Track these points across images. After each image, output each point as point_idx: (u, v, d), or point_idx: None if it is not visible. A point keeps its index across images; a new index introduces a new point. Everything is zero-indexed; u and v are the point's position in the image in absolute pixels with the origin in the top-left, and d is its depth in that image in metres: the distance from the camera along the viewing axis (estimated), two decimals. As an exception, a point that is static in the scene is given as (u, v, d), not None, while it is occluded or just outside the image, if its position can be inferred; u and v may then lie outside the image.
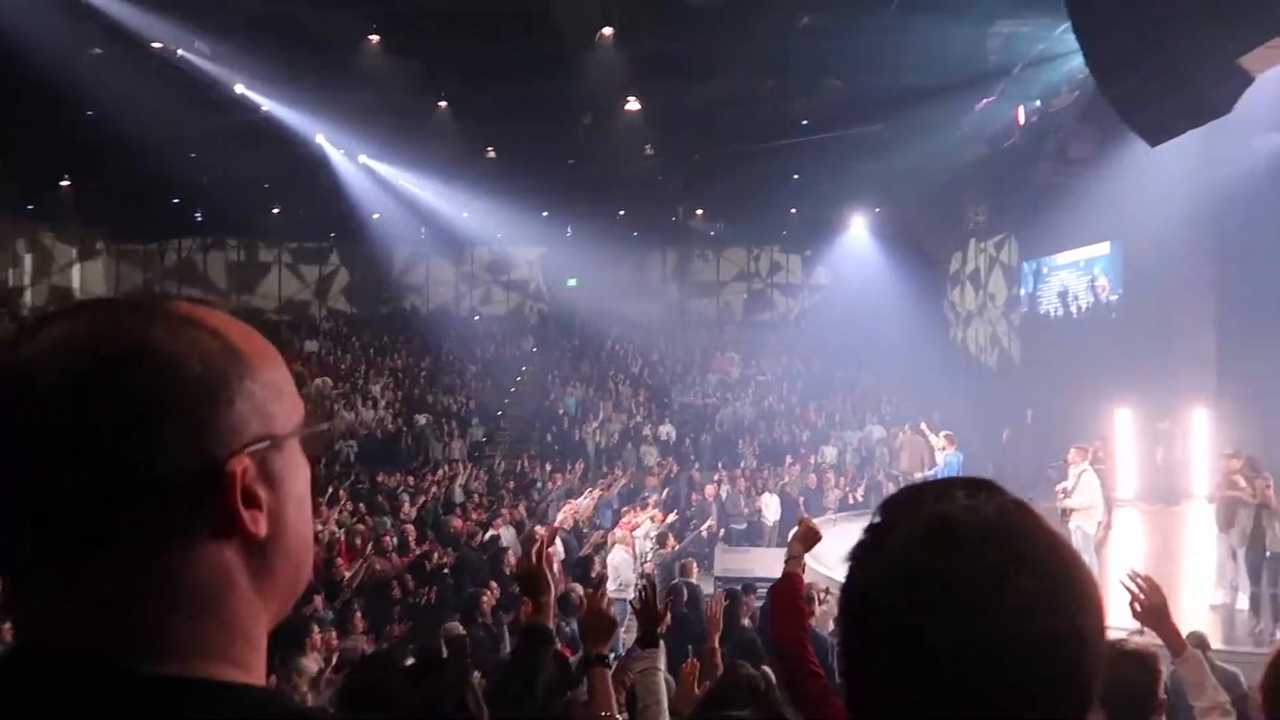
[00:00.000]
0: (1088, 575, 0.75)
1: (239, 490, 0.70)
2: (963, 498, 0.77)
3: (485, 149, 19.53)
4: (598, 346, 26.61)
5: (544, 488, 16.93)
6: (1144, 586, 2.57)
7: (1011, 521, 0.75)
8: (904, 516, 0.78)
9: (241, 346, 0.75)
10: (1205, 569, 10.90)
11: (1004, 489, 0.80)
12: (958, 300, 26.40)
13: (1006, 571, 0.71)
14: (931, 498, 0.78)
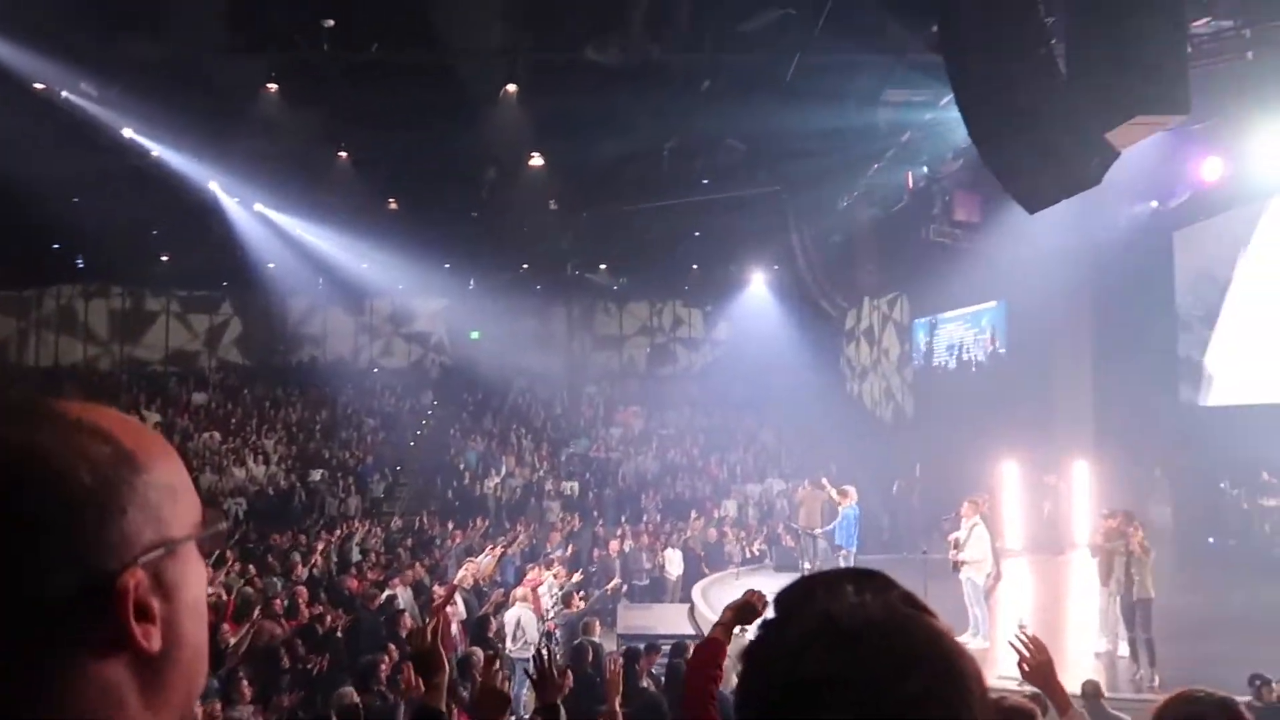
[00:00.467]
0: (971, 668, 0.77)
1: (130, 605, 0.66)
2: (851, 594, 0.78)
3: (387, 200, 19.32)
4: (500, 400, 26.35)
5: (444, 545, 16.55)
6: (1031, 646, 2.65)
7: (896, 619, 0.76)
8: (794, 615, 0.79)
9: (134, 449, 0.70)
10: (1089, 617, 11.33)
11: (893, 581, 0.82)
12: (853, 355, 27.19)
13: (891, 672, 0.73)
14: (822, 593, 0.79)
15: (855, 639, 0.74)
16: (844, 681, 0.72)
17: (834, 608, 0.77)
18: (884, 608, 0.77)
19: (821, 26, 11.48)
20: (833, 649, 0.74)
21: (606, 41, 12.26)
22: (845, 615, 0.76)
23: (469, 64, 13.05)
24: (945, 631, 0.78)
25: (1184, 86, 7.96)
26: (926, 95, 13.12)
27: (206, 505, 0.77)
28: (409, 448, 23.39)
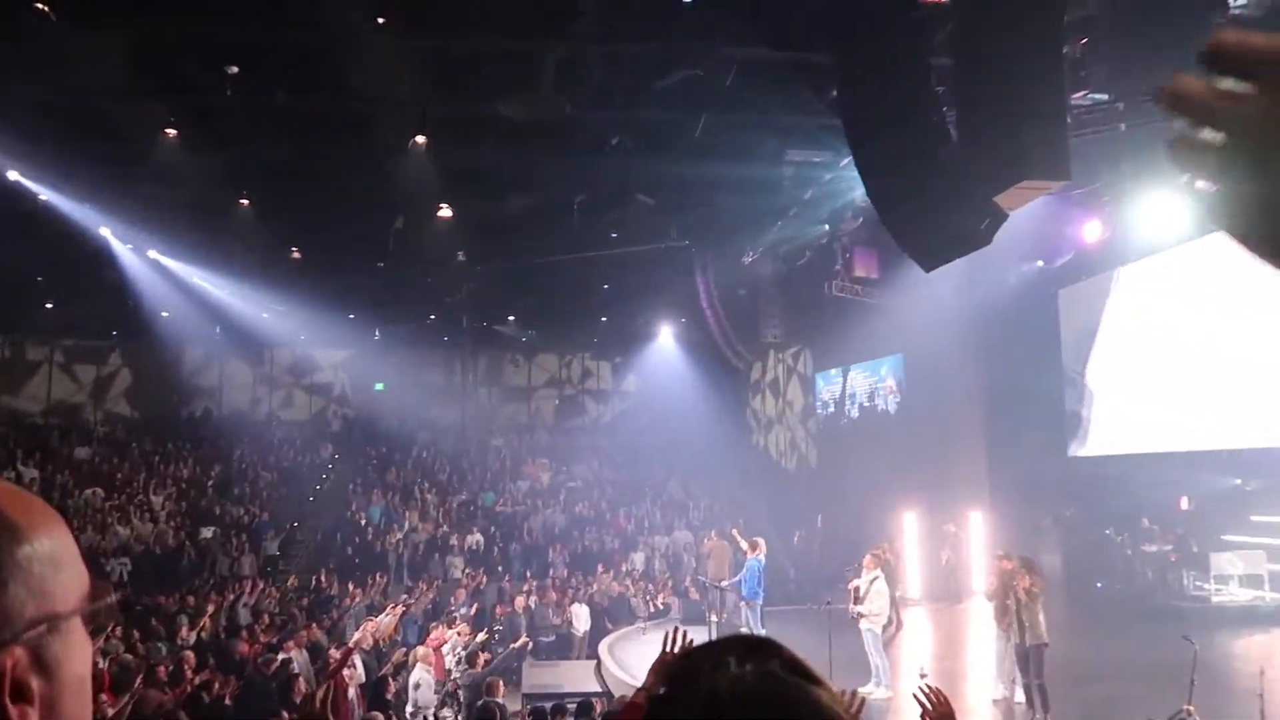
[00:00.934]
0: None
1: (7, 686, 0.62)
2: (733, 666, 0.80)
3: (290, 249, 18.91)
4: (404, 453, 25.78)
5: (343, 604, 15.97)
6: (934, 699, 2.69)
7: (775, 692, 0.78)
8: (680, 693, 0.81)
9: (18, 519, 0.67)
10: (987, 665, 11.59)
11: (778, 647, 0.84)
12: (759, 407, 27.59)
13: None
14: (707, 667, 0.81)
15: (735, 712, 0.77)
16: None
17: (718, 683, 0.79)
18: (764, 679, 0.79)
19: (727, 88, 11.83)
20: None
21: (517, 96, 12.37)
22: (726, 692, 0.78)
23: (378, 114, 12.97)
24: (826, 702, 0.80)
25: (1065, 154, 8.44)
26: (827, 156, 13.60)
27: (95, 577, 0.73)
28: (308, 503, 22.62)
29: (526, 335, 27.58)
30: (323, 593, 16.92)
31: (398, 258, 18.29)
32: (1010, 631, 9.84)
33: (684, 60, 11.51)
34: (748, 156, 13.74)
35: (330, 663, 10.14)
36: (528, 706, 10.00)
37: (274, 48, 11.37)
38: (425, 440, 26.61)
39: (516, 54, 11.80)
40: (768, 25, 10.85)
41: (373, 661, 11.41)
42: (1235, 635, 13.39)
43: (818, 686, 0.81)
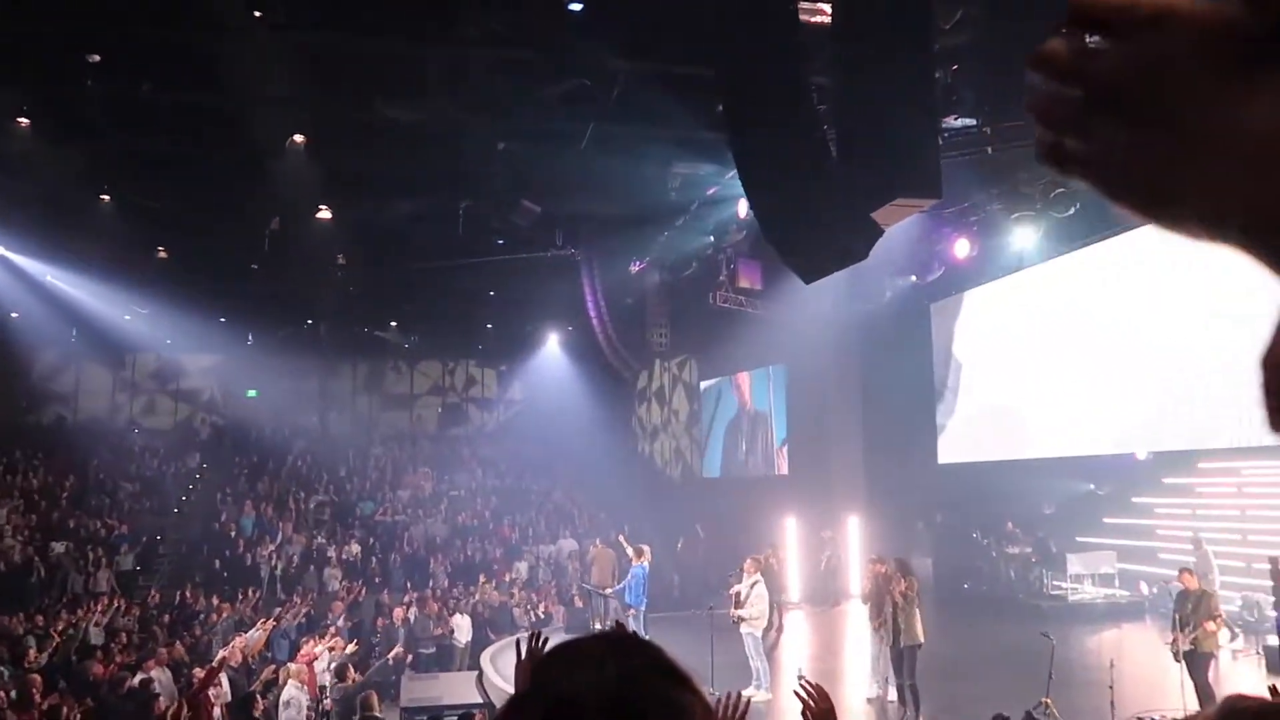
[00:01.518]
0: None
1: None
2: (596, 666, 0.78)
3: (155, 248, 17.99)
4: (279, 462, 24.82)
5: (209, 620, 15.25)
6: (813, 694, 2.74)
7: (636, 696, 0.76)
8: (542, 688, 0.79)
9: None
10: (862, 665, 11.95)
11: (651, 648, 0.83)
12: (645, 416, 27.76)
13: None
14: (569, 667, 0.80)
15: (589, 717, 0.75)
16: None
17: (576, 687, 0.77)
18: (624, 682, 0.77)
19: (615, 99, 11.88)
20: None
21: (402, 98, 12.12)
22: (584, 696, 0.76)
23: (253, 111, 12.47)
24: (689, 707, 0.78)
25: (936, 174, 8.81)
26: (713, 168, 13.82)
27: None
28: (172, 515, 21.52)
29: (409, 342, 27.02)
30: (187, 609, 16.11)
31: (273, 260, 17.63)
32: (885, 633, 10.17)
33: (572, 69, 11.51)
34: (635, 167, 13.84)
35: (195, 682, 9.65)
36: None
37: (139, 36, 10.81)
38: (301, 449, 25.71)
39: (402, 55, 11.56)
40: (655, 38, 10.96)
41: (241, 679, 10.92)
42: (1089, 631, 14.21)
43: (685, 691, 0.79)
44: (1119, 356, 14.78)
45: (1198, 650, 9.12)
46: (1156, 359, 14.03)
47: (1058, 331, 16.02)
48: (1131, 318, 14.58)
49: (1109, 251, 14.65)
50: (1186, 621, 9.22)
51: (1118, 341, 14.82)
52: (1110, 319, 15.02)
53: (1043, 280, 16.00)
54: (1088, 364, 15.48)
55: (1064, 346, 15.93)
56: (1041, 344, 16.37)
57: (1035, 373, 16.47)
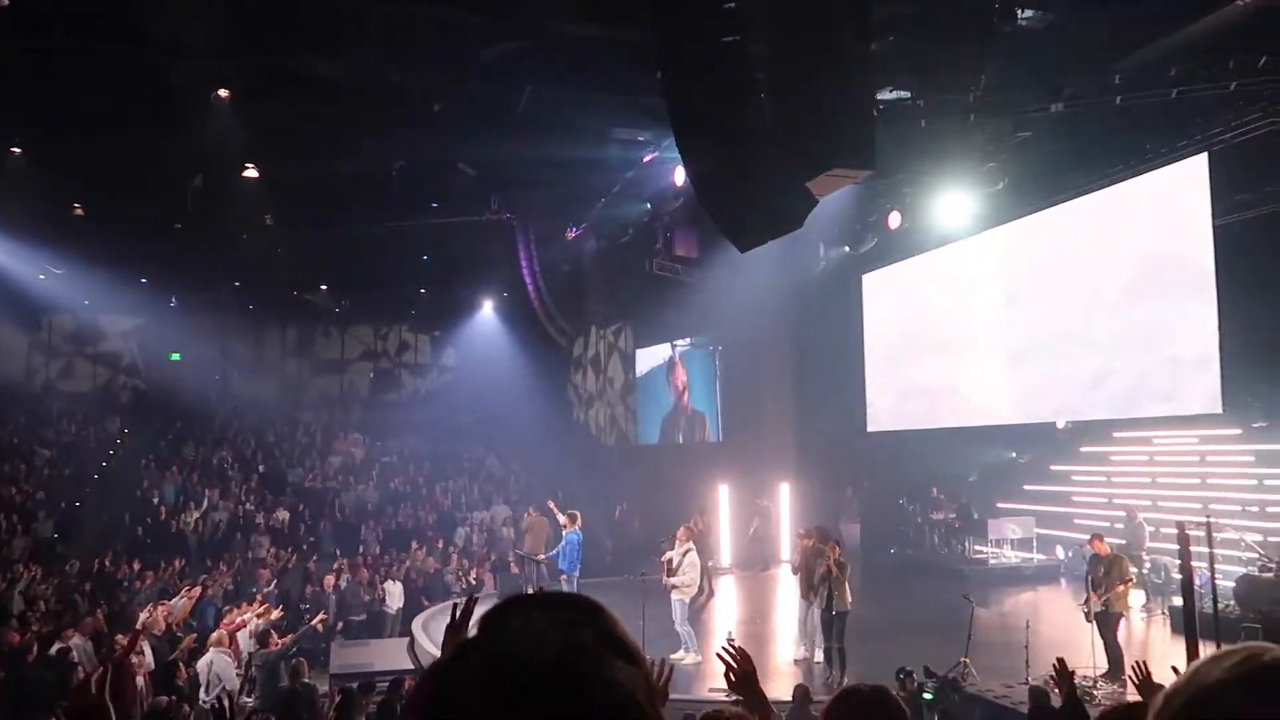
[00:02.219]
0: (640, 714, 0.76)
1: None
2: (540, 627, 0.77)
3: (72, 205, 17.27)
4: (204, 428, 24.22)
5: (133, 588, 14.89)
6: (736, 657, 2.79)
7: (570, 665, 0.75)
8: (487, 640, 0.77)
9: None
10: (790, 628, 12.20)
11: (601, 614, 0.81)
12: (580, 383, 27.73)
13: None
14: (513, 625, 0.78)
15: (522, 686, 0.73)
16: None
17: (513, 648, 0.75)
18: (566, 648, 0.75)
19: (555, 63, 11.72)
20: (501, 694, 0.73)
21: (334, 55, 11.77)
22: (522, 657, 0.75)
23: (174, 62, 11.97)
24: (624, 684, 0.76)
25: (871, 145, 8.89)
26: (651, 136, 13.76)
27: None
28: (92, 481, 20.88)
29: (340, 305, 26.49)
30: (109, 577, 15.71)
31: (198, 219, 17.06)
32: (817, 599, 10.42)
33: (510, 31, 11.31)
34: (573, 133, 13.69)
35: (117, 648, 9.43)
36: (336, 686, 9.68)
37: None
38: (228, 414, 25.13)
39: (338, 12, 11.21)
40: (594, 2, 10.82)
41: (164, 647, 10.71)
42: (1008, 593, 14.73)
43: (627, 663, 0.77)
44: (1043, 329, 15.21)
45: (1109, 611, 9.52)
46: (1078, 332, 14.47)
47: (985, 304, 16.41)
48: (1055, 291, 14.99)
49: (1036, 226, 15.02)
50: (1099, 584, 9.61)
51: (1042, 314, 15.24)
52: (1035, 292, 15.43)
53: (972, 253, 16.34)
54: (1012, 336, 15.90)
55: (991, 319, 16.33)
56: (969, 316, 16.75)
57: (962, 344, 16.86)
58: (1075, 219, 14.38)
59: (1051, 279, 15.05)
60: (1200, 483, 13.83)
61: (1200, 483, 13.83)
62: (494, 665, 0.74)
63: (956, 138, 12.66)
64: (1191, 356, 12.52)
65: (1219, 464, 13.66)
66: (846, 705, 2.11)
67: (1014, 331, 15.85)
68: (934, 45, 10.82)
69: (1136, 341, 13.47)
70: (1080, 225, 14.35)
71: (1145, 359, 13.37)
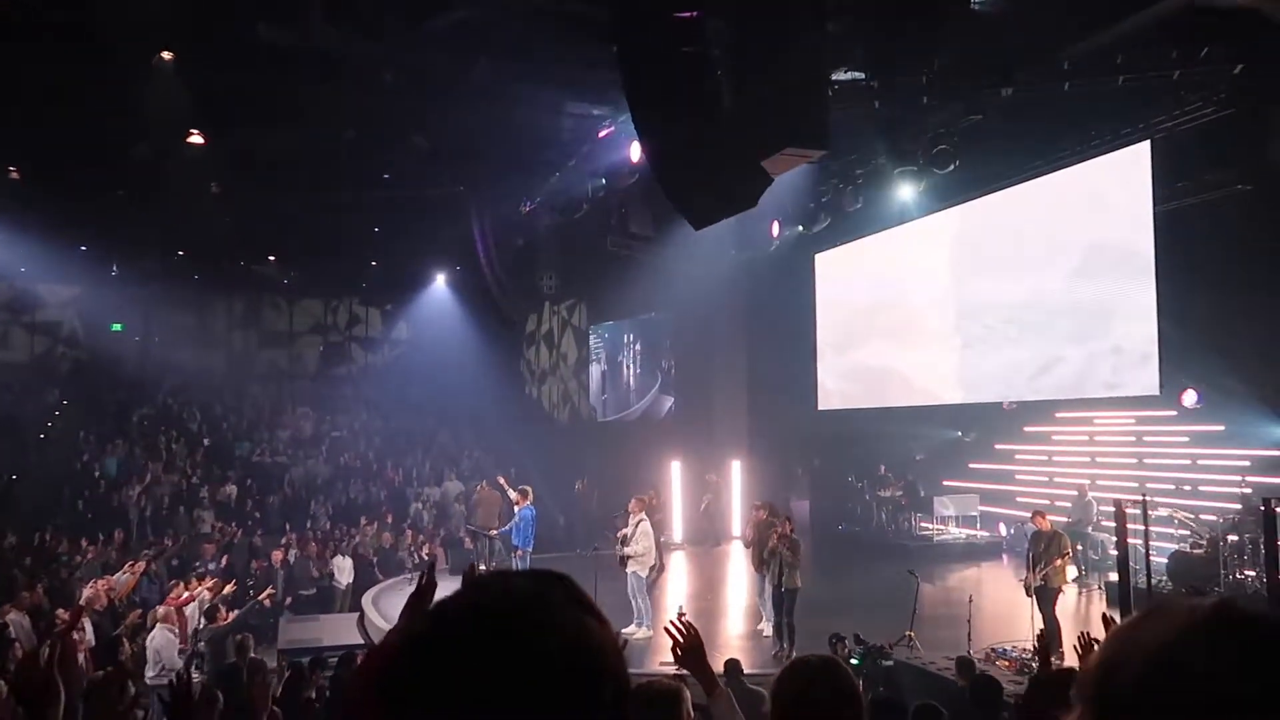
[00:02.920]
0: (610, 667, 0.80)
1: None
2: (516, 580, 0.83)
3: (7, 168, 16.70)
4: (148, 400, 23.72)
5: (73, 563, 14.60)
6: (684, 631, 2.83)
7: (543, 616, 0.79)
8: (459, 599, 0.83)
9: None
10: (739, 602, 12.36)
11: (569, 581, 0.85)
12: (533, 359, 27.64)
13: (519, 664, 0.76)
14: (492, 582, 0.84)
15: (491, 624, 0.77)
16: (471, 665, 0.75)
17: (486, 598, 0.80)
18: (536, 601, 0.80)
19: (508, 34, 11.56)
20: (467, 633, 0.77)
21: (280, 20, 11.48)
22: (493, 604, 0.79)
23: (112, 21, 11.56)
24: (595, 630, 0.81)
25: (825, 125, 8.94)
26: (607, 110, 13.65)
27: None
28: (30, 453, 20.36)
29: (288, 277, 26.03)
30: (48, 552, 15.37)
31: (140, 186, 16.61)
32: (769, 573, 10.57)
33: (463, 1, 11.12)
34: (526, 105, 13.54)
35: (58, 623, 9.25)
36: (285, 661, 9.61)
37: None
38: (172, 386, 24.62)
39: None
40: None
41: (106, 623, 10.55)
42: (952, 569, 15.07)
43: (591, 618, 0.82)
44: (989, 311, 15.48)
45: (1047, 585, 9.79)
46: (1022, 314, 14.75)
47: (934, 285, 16.65)
48: (1002, 274, 15.26)
49: (985, 209, 15.24)
50: (1039, 560, 9.88)
51: (989, 296, 15.51)
52: (983, 274, 15.69)
53: (923, 234, 16.54)
54: (960, 318, 16.17)
55: (939, 300, 16.57)
56: (918, 297, 16.99)
57: (911, 325, 17.11)
58: (1023, 203, 14.62)
59: (999, 261, 15.31)
60: (1137, 462, 14.24)
61: (1137, 462, 14.24)
62: (467, 613, 0.79)
63: (910, 119, 12.76)
64: (1131, 339, 12.84)
65: (1155, 444, 14.07)
66: (796, 676, 2.15)
67: (961, 313, 16.11)
68: (888, 27, 10.88)
69: (1079, 324, 13.78)
70: (1028, 209, 14.60)
71: (1088, 342, 13.69)
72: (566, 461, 21.62)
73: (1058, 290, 14.11)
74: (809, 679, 2.12)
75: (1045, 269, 14.39)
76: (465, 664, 0.75)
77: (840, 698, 2.07)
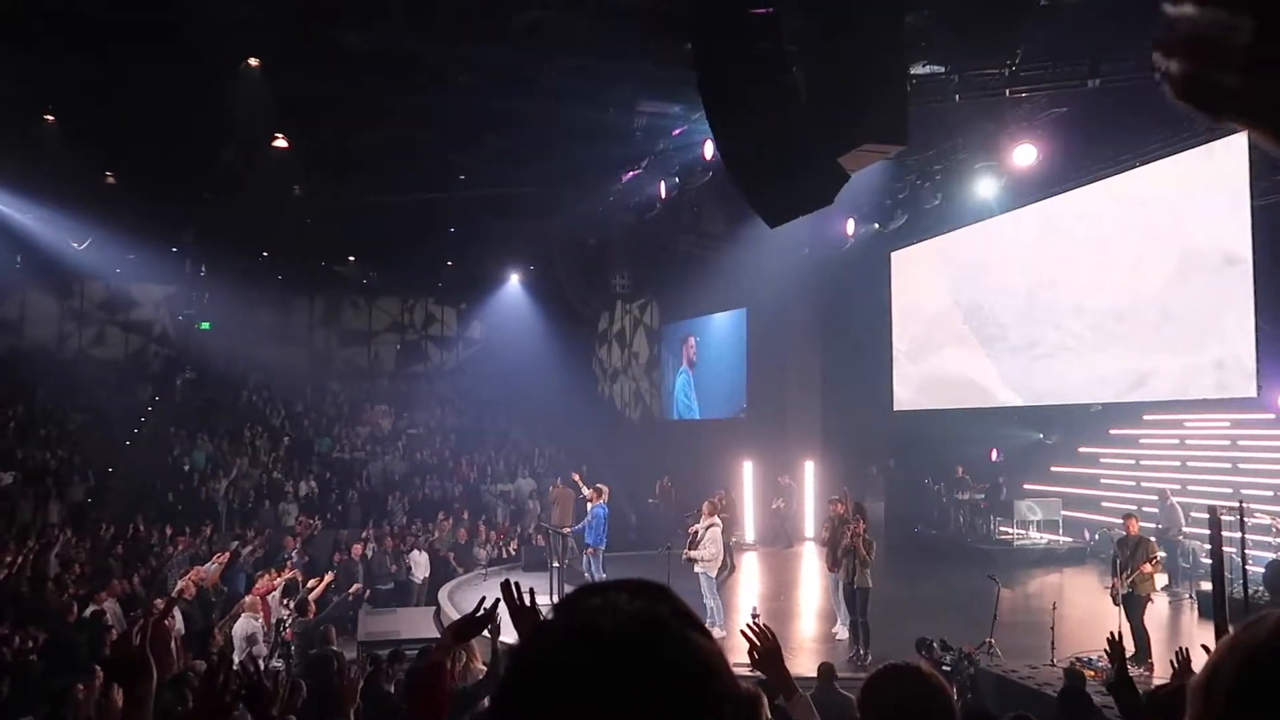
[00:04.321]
0: (724, 688, 0.77)
1: None
2: (623, 604, 0.79)
3: (104, 173, 17.41)
4: (233, 396, 24.50)
5: (164, 553, 15.15)
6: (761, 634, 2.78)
7: (657, 636, 0.77)
8: (561, 624, 0.80)
9: None
10: (814, 605, 12.21)
11: (671, 595, 0.82)
12: (605, 357, 27.76)
13: (636, 685, 0.74)
14: (596, 603, 0.80)
15: (608, 649, 0.75)
16: (592, 692, 0.73)
17: (599, 620, 0.77)
18: (649, 623, 0.77)
19: (583, 33, 11.61)
20: (585, 659, 0.75)
21: (362, 25, 11.74)
22: (608, 628, 0.77)
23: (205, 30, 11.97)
24: (706, 649, 0.78)
25: (904, 120, 8.79)
26: (681, 109, 13.62)
27: None
28: (123, 447, 21.21)
29: (367, 277, 26.61)
30: (141, 541, 15.99)
31: (227, 188, 17.16)
32: (842, 572, 10.44)
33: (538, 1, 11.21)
34: (600, 105, 13.59)
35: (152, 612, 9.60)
36: (365, 654, 9.81)
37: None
38: (257, 383, 25.39)
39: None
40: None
41: (195, 612, 10.91)
42: (1033, 575, 14.66)
43: (702, 635, 0.80)
44: (1073, 309, 15.00)
45: (1135, 593, 9.44)
46: (1109, 311, 14.26)
47: (1015, 283, 16.20)
48: (1088, 270, 14.77)
49: (1069, 204, 14.77)
50: (1125, 566, 9.53)
51: (1073, 294, 15.02)
52: (1067, 271, 15.20)
53: (1003, 231, 16.11)
54: (1043, 316, 15.69)
55: (1020, 298, 16.12)
56: (998, 297, 16.55)
57: (991, 323, 16.67)
58: (1110, 197, 14.12)
59: (1084, 258, 14.81)
60: (1231, 467, 13.66)
61: (1231, 467, 13.66)
62: (581, 638, 0.76)
63: (991, 113, 12.45)
64: (1226, 340, 12.31)
65: (1251, 448, 13.47)
66: (888, 684, 2.07)
67: (1045, 311, 15.65)
68: (968, 19, 10.62)
69: (1172, 329, 13.26)
70: (1115, 204, 14.10)
71: (1180, 349, 13.16)
72: (639, 460, 21.66)
73: (1147, 286, 13.60)
74: (902, 689, 2.03)
75: (1134, 268, 13.88)
76: (578, 692, 0.73)
77: (936, 710, 1.99)
